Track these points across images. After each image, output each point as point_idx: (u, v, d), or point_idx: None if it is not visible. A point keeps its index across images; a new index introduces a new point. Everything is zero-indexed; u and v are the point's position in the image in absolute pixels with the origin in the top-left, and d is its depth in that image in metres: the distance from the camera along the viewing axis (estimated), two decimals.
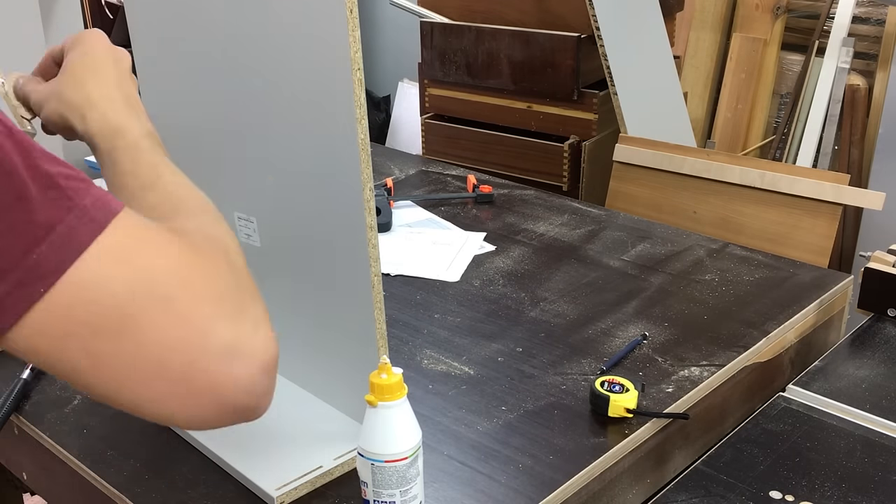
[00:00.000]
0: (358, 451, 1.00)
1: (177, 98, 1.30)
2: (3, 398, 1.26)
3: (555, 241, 1.80)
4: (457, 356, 1.40)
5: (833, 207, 1.97)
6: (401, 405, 0.99)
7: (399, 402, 0.99)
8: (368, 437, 0.99)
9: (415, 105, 3.16)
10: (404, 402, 0.99)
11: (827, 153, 3.04)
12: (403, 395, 0.99)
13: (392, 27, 3.78)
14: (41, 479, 1.29)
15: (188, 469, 1.15)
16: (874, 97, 2.96)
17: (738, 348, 1.40)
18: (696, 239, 1.80)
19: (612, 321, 1.49)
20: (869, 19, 3.00)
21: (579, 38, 2.36)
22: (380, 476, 0.99)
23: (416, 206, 2.00)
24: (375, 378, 0.98)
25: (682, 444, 1.30)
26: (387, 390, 0.97)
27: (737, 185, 2.08)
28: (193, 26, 1.21)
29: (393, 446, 0.99)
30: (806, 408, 1.30)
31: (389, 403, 0.98)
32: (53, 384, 1.33)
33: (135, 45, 1.16)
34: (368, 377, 0.98)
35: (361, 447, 1.00)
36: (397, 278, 1.66)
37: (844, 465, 1.17)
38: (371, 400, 0.98)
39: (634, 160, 2.22)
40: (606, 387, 1.23)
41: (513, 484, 1.11)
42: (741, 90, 3.23)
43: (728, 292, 1.58)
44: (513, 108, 2.55)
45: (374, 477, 0.99)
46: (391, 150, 2.40)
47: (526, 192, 2.07)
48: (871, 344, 1.45)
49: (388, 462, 0.99)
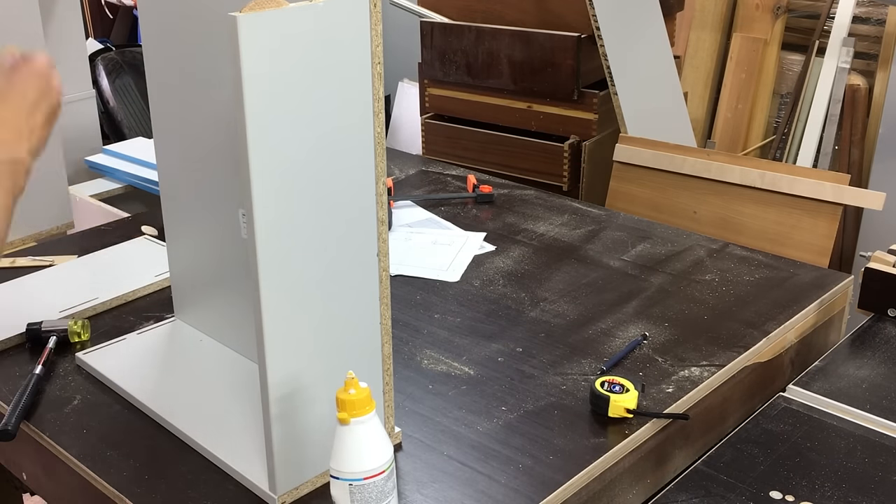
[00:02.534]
0: (332, 474, 0.98)
1: (184, 97, 1.30)
2: (18, 393, 1.26)
3: (555, 241, 1.80)
4: (457, 356, 1.40)
5: (833, 207, 1.97)
6: (372, 418, 0.97)
7: (371, 416, 0.97)
8: (343, 457, 0.96)
9: (415, 105, 3.16)
10: (374, 414, 0.97)
11: (827, 153, 3.04)
12: (374, 408, 0.97)
13: (392, 27, 3.77)
14: (41, 480, 1.29)
15: (188, 469, 1.15)
16: (874, 97, 2.96)
17: (738, 348, 1.40)
18: (696, 239, 1.80)
19: (612, 321, 1.49)
20: (869, 19, 3.00)
21: (579, 38, 2.36)
22: (359, 495, 0.97)
23: (416, 206, 2.00)
24: (343, 394, 0.95)
25: (682, 445, 1.30)
26: (358, 405, 0.95)
27: (737, 185, 2.08)
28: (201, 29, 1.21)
29: (370, 461, 0.97)
30: (806, 408, 1.29)
31: (363, 418, 0.96)
32: (53, 385, 1.33)
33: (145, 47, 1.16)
34: (336, 394, 0.96)
35: (336, 469, 0.97)
36: (397, 278, 1.66)
37: (845, 465, 1.17)
38: (344, 418, 0.95)
39: (634, 160, 2.22)
40: (606, 387, 1.23)
41: (513, 484, 1.11)
42: (741, 90, 3.23)
43: (728, 292, 1.58)
44: (513, 108, 2.55)
45: (352, 497, 0.97)
46: (391, 150, 2.39)
47: (526, 192, 2.07)
48: (871, 344, 1.45)
49: (368, 479, 0.97)
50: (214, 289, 1.37)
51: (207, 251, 1.35)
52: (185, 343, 1.41)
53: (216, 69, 1.18)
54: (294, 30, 0.93)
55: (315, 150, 0.99)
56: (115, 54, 3.60)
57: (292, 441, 1.06)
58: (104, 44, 3.76)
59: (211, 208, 1.30)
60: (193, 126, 1.28)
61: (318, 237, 1.02)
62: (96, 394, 1.31)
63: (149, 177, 2.17)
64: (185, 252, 1.40)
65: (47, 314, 1.47)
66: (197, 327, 1.44)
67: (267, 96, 0.93)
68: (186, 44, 1.23)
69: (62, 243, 1.83)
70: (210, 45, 1.18)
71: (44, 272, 1.67)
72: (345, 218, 1.04)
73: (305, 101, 0.96)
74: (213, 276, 1.36)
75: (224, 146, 1.21)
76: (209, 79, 1.21)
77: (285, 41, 0.93)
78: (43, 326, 1.42)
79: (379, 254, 1.08)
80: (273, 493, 1.07)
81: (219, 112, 1.20)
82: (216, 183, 1.27)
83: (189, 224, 1.37)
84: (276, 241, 0.98)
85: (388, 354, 1.14)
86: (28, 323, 1.42)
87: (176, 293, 1.46)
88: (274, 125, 0.94)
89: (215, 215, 1.29)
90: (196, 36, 1.21)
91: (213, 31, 1.15)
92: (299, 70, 0.95)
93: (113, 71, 3.51)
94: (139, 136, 2.93)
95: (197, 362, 1.36)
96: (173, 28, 1.24)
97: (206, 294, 1.40)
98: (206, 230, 1.34)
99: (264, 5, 0.91)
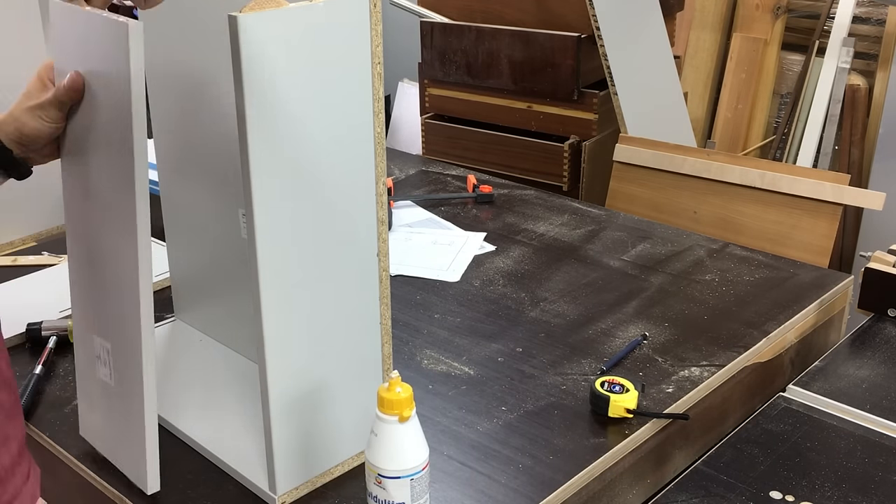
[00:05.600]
0: (387, 476, 0.98)
1: (184, 97, 1.30)
2: (18, 393, 1.26)
3: (555, 241, 1.80)
4: (457, 356, 1.40)
5: (833, 207, 1.97)
6: (414, 412, 1.00)
7: (414, 410, 0.99)
8: (404, 456, 0.98)
9: (415, 105, 3.16)
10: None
11: (827, 153, 3.04)
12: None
13: (392, 27, 3.77)
14: (41, 480, 1.29)
15: (188, 469, 1.15)
16: (874, 97, 2.96)
17: (738, 348, 1.40)
18: (696, 239, 1.80)
19: (612, 321, 1.49)
20: (869, 19, 3.00)
21: (579, 38, 2.36)
22: (418, 486, 1.00)
23: (416, 206, 2.00)
24: (391, 394, 0.97)
25: (682, 445, 1.30)
26: (406, 403, 0.98)
27: (737, 185, 2.08)
28: (200, 29, 1.21)
29: (424, 450, 1.00)
30: (806, 408, 1.29)
31: (413, 413, 0.99)
32: (53, 385, 1.33)
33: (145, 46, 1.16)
34: (380, 394, 0.98)
35: (397, 469, 0.98)
36: (397, 278, 1.66)
37: (845, 466, 1.17)
38: (407, 415, 0.97)
39: (634, 160, 2.22)
40: (606, 387, 1.23)
41: (513, 484, 1.11)
42: (741, 90, 3.23)
43: (728, 292, 1.58)
44: (513, 108, 2.55)
45: (412, 491, 0.99)
46: (391, 150, 2.40)
47: (526, 192, 2.07)
48: (871, 344, 1.45)
49: (424, 468, 1.00)
50: (214, 289, 1.37)
51: (207, 251, 1.35)
52: (185, 343, 1.41)
53: (216, 69, 1.18)
54: (294, 30, 0.93)
55: (315, 150, 0.99)
56: None
57: (292, 441, 1.06)
58: None
59: (211, 208, 1.30)
60: (193, 126, 1.28)
61: (318, 237, 1.02)
62: None
63: (149, 177, 2.17)
64: (185, 252, 1.40)
65: (47, 314, 1.47)
66: (197, 327, 1.44)
67: (267, 96, 0.93)
68: (186, 44, 1.23)
69: (62, 243, 1.83)
70: (210, 45, 1.18)
71: (44, 272, 1.67)
72: (345, 218, 1.04)
73: (305, 101, 0.96)
74: (212, 276, 1.36)
75: (224, 146, 1.21)
76: (209, 79, 1.21)
77: (285, 41, 0.93)
78: (43, 326, 1.42)
79: (379, 254, 1.08)
80: (273, 493, 1.07)
81: (219, 112, 1.20)
82: (216, 183, 1.27)
83: (189, 224, 1.37)
84: (276, 241, 0.98)
85: (388, 354, 1.14)
86: (28, 323, 1.42)
87: (176, 293, 1.46)
88: (274, 125, 0.94)
89: (215, 215, 1.29)
90: (196, 36, 1.21)
91: (213, 31, 1.15)
92: (299, 70, 0.95)
93: None
94: None
95: (197, 362, 1.36)
96: (173, 28, 1.24)
97: (206, 294, 1.40)
98: (206, 230, 1.33)
99: (264, 5, 0.92)
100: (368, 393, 1.07)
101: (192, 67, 1.23)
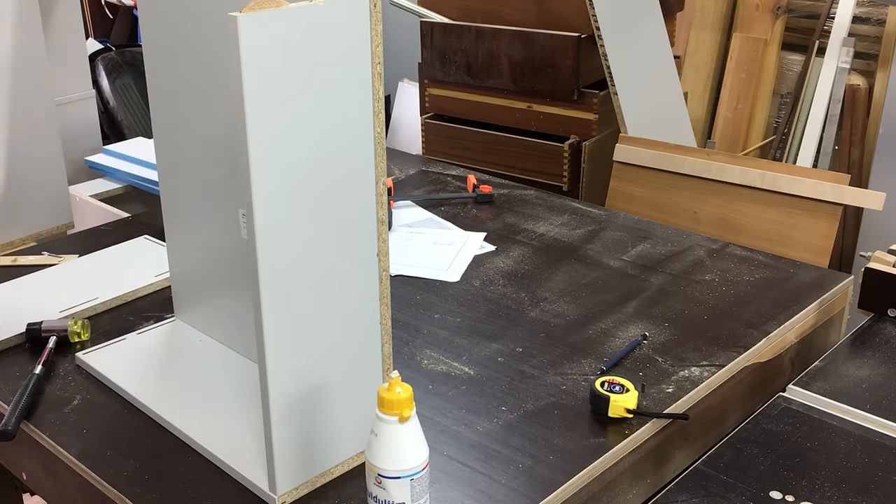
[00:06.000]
0: (387, 476, 0.99)
1: (183, 96, 1.30)
2: (18, 393, 1.26)
3: (555, 241, 1.80)
4: (457, 356, 1.40)
5: (833, 207, 1.97)
6: (414, 412, 1.00)
7: (414, 410, 0.99)
8: (403, 456, 0.98)
9: (415, 105, 3.16)
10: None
11: (827, 153, 3.04)
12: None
13: (392, 27, 3.77)
14: (41, 480, 1.29)
15: (188, 469, 1.15)
16: (874, 97, 2.96)
17: (738, 348, 1.40)
18: (696, 239, 1.80)
19: (612, 321, 1.49)
20: (869, 19, 3.00)
21: (579, 38, 2.36)
22: (418, 486, 1.00)
23: (416, 206, 2.00)
24: (391, 394, 0.97)
25: (682, 445, 1.30)
26: (406, 403, 0.97)
27: (737, 185, 2.08)
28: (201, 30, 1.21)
29: (424, 450, 1.00)
30: (806, 408, 1.29)
31: (413, 413, 0.99)
32: (53, 385, 1.33)
33: (145, 47, 1.15)
34: (380, 394, 0.97)
35: (397, 469, 0.98)
36: (397, 278, 1.66)
37: (844, 466, 1.17)
38: (407, 415, 0.97)
39: (634, 160, 2.22)
40: (606, 387, 1.23)
41: (513, 484, 1.11)
42: (741, 90, 3.23)
43: (728, 292, 1.58)
44: (513, 108, 2.55)
45: (412, 491, 0.99)
46: (391, 150, 2.39)
47: (526, 192, 2.07)
48: (871, 344, 1.45)
49: (424, 468, 1.00)
50: (214, 289, 1.37)
51: (207, 251, 1.35)
52: (185, 343, 1.41)
53: (216, 69, 1.18)
54: (294, 30, 0.93)
55: (315, 150, 0.99)
56: (115, 54, 3.60)
57: (292, 441, 1.06)
58: (104, 44, 3.76)
59: (211, 208, 1.30)
60: (193, 126, 1.28)
61: (318, 237, 1.02)
62: (96, 394, 1.31)
63: (149, 177, 2.17)
64: (185, 252, 1.40)
65: (47, 314, 1.47)
66: (197, 327, 1.44)
67: (267, 96, 0.93)
68: (186, 44, 1.23)
69: (62, 243, 1.83)
70: (210, 45, 1.18)
71: (44, 272, 1.67)
72: (345, 218, 1.04)
73: (305, 100, 0.96)
74: (212, 276, 1.36)
75: (224, 146, 1.21)
76: (209, 79, 1.21)
77: (285, 41, 0.93)
78: (43, 326, 1.42)
79: (379, 254, 1.08)
80: (273, 493, 1.07)
81: (219, 112, 1.20)
82: (216, 183, 1.27)
83: (189, 224, 1.37)
84: (276, 241, 0.98)
85: (388, 354, 1.14)
86: (28, 323, 1.42)
87: (176, 293, 1.46)
88: (274, 125, 0.94)
89: (215, 215, 1.29)
90: (196, 36, 1.21)
91: (214, 31, 1.15)
92: (299, 70, 0.95)
93: (113, 71, 3.51)
94: (139, 136, 2.93)
95: (197, 362, 1.36)
96: (173, 28, 1.24)
97: (206, 294, 1.40)
98: (206, 230, 1.34)
99: (264, 5, 0.92)
100: (368, 393, 1.07)
101: (193, 67, 1.23)
